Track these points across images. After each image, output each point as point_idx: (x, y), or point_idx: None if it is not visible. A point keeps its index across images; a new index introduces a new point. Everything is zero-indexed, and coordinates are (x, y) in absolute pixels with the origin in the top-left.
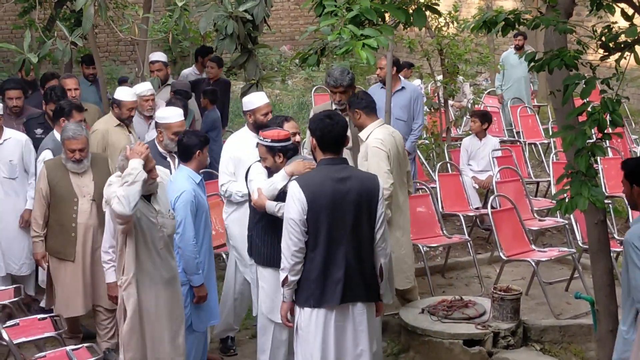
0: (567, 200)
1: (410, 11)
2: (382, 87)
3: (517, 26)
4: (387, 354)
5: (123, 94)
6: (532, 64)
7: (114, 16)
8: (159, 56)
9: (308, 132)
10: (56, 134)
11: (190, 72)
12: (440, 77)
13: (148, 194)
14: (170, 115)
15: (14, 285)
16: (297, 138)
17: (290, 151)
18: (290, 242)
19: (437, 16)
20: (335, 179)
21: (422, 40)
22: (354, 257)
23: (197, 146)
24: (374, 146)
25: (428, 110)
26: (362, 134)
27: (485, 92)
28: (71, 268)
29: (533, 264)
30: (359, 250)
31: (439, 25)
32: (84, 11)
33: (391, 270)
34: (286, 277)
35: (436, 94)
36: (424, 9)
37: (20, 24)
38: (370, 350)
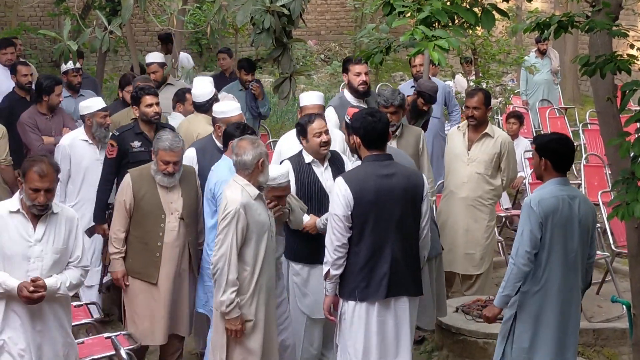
0: (623, 206)
1: (479, 13)
2: (412, 87)
3: (569, 29)
4: (420, 352)
5: None
6: (585, 67)
7: (148, 6)
8: (154, 57)
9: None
10: None
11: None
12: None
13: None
14: (230, 109)
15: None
16: (324, 137)
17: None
18: (334, 237)
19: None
20: (381, 175)
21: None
22: (400, 251)
23: (234, 136)
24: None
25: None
26: (489, 129)
27: (513, 93)
28: (152, 291)
29: None
30: (404, 244)
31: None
32: (123, 1)
33: (442, 287)
34: (328, 270)
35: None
36: (492, 11)
37: (54, 11)
38: (411, 344)
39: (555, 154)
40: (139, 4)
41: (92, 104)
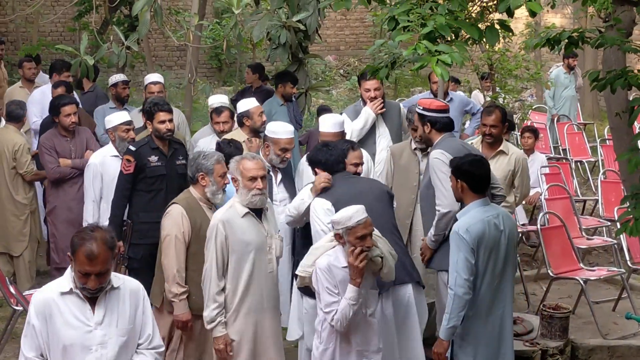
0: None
1: (483, 28)
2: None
3: (580, 44)
4: None
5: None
6: (595, 83)
7: (166, 21)
8: (158, 77)
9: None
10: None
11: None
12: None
13: (257, 209)
14: (281, 130)
15: None
16: (360, 169)
17: (438, 124)
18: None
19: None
20: (353, 182)
21: (471, 55)
22: (391, 241)
23: (223, 152)
24: None
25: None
26: (504, 147)
27: (532, 108)
28: None
29: (582, 282)
30: (392, 236)
31: None
32: (140, 17)
33: None
34: None
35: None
36: (497, 26)
37: (73, 26)
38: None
39: (470, 176)
40: (156, 20)
41: (114, 118)
